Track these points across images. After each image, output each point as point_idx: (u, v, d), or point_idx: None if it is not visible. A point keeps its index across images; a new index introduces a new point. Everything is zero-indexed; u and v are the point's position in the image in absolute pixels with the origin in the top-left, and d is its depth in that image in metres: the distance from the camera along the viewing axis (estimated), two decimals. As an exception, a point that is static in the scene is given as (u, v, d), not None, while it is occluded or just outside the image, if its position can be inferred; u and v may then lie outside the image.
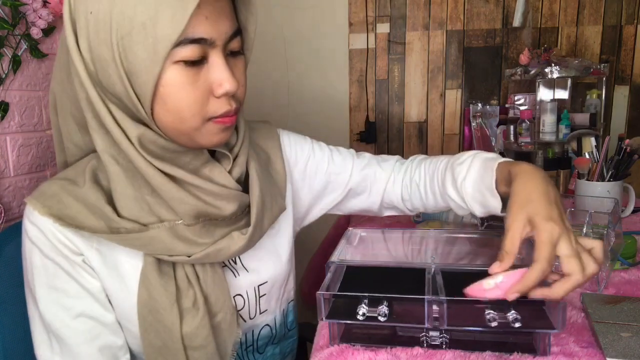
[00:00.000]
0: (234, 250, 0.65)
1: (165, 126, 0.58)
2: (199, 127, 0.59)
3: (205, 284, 0.66)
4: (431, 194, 0.79)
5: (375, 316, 0.58)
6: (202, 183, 0.62)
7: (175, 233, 0.62)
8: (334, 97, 1.99)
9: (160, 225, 0.62)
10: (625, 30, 1.84)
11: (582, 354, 0.58)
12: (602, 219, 0.83)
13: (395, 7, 1.91)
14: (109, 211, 0.61)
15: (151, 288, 0.63)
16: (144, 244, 0.61)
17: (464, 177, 0.71)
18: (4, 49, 0.93)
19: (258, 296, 0.75)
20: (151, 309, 0.63)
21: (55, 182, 0.64)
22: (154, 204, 0.62)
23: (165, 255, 0.62)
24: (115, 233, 0.61)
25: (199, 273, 0.66)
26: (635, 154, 1.09)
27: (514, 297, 0.54)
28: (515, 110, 1.77)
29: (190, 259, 0.63)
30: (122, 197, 0.62)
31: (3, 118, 0.93)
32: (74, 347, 0.63)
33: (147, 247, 0.62)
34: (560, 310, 0.54)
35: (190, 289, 0.65)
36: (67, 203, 0.61)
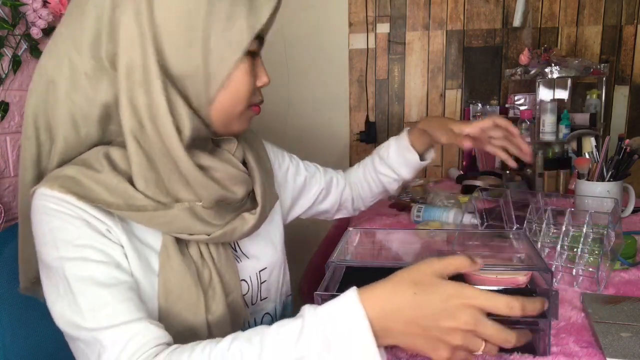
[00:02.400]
0: (246, 230, 0.70)
1: (220, 110, 0.65)
2: (243, 112, 0.67)
3: (220, 264, 0.69)
4: (366, 184, 1.02)
5: None
6: (220, 165, 0.66)
7: (194, 213, 0.65)
8: (334, 97, 1.99)
9: (181, 204, 0.64)
10: (625, 30, 1.84)
11: (582, 354, 0.58)
12: (602, 219, 0.83)
13: (395, 7, 1.91)
14: (131, 191, 0.62)
15: (174, 266, 0.64)
16: (167, 222, 0.63)
17: (387, 152, 0.98)
18: (4, 49, 0.93)
19: (259, 282, 0.78)
20: (174, 287, 0.64)
21: (70, 167, 0.63)
22: (172, 186, 0.64)
23: (185, 234, 0.65)
24: (141, 210, 0.62)
25: (213, 253, 0.68)
26: (635, 154, 1.09)
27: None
28: (515, 110, 1.77)
29: (209, 237, 0.66)
30: (141, 180, 0.63)
31: (3, 118, 0.93)
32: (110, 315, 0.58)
33: (168, 226, 0.64)
34: (551, 299, 0.54)
35: (205, 269, 0.67)
36: (87, 185, 0.61)
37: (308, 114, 1.98)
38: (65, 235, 0.60)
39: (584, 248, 0.81)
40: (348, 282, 0.65)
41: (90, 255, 0.60)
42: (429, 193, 1.35)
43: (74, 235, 0.60)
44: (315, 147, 2.00)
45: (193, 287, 0.64)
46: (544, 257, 0.65)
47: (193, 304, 0.64)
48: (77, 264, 0.60)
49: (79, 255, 0.60)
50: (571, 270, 0.80)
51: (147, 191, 0.63)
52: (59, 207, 0.60)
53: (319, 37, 1.95)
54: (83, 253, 0.60)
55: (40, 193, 0.62)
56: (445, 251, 0.76)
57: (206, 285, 0.66)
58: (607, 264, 0.80)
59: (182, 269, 0.64)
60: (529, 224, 0.93)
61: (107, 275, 0.60)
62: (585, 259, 0.80)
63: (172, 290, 0.64)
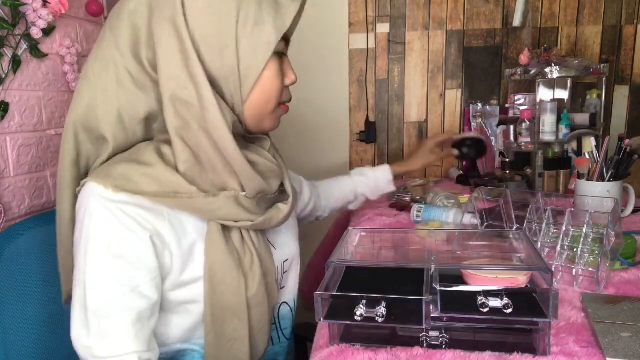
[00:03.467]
0: (281, 218, 0.76)
1: (252, 108, 0.69)
2: (273, 110, 0.73)
3: (260, 248, 0.74)
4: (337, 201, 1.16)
5: (373, 317, 0.58)
6: (262, 161, 0.72)
7: (238, 202, 0.70)
8: (334, 96, 1.99)
9: (227, 193, 0.69)
10: (625, 30, 1.84)
11: (582, 354, 0.58)
12: (602, 219, 0.83)
13: (395, 7, 1.91)
14: (182, 182, 0.67)
15: (218, 252, 0.69)
16: (214, 209, 0.68)
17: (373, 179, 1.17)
18: (4, 49, 0.93)
19: (282, 272, 0.83)
20: (218, 272, 0.69)
21: (121, 164, 0.67)
22: (217, 177, 0.69)
23: (231, 220, 0.70)
24: (192, 198, 0.67)
25: (253, 239, 0.74)
26: (635, 154, 1.09)
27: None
28: (515, 110, 1.77)
29: (252, 224, 0.71)
30: (188, 173, 0.68)
31: (3, 118, 0.93)
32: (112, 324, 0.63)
33: (215, 213, 0.69)
34: (551, 298, 0.54)
35: (247, 253, 0.72)
36: (136, 179, 0.65)
37: (308, 114, 1.98)
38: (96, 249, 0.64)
39: (584, 248, 0.81)
40: (348, 282, 0.65)
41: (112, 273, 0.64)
42: (429, 193, 1.35)
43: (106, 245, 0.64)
44: (315, 147, 2.00)
45: (235, 270, 0.70)
46: (544, 257, 0.65)
47: (235, 285, 0.70)
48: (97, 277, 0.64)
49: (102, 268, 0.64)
50: (571, 270, 0.80)
51: (195, 182, 0.68)
52: (103, 209, 0.64)
53: (319, 37, 1.95)
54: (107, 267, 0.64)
55: (92, 189, 0.65)
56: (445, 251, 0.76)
57: (247, 268, 0.72)
58: (607, 264, 0.80)
59: (225, 254, 0.69)
60: (529, 224, 0.93)
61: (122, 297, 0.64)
62: (585, 259, 0.80)
63: (216, 274, 0.69)
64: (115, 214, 0.64)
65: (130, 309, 0.64)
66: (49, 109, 1.06)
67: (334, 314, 0.61)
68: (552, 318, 0.55)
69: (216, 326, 0.70)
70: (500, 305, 0.56)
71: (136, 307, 0.64)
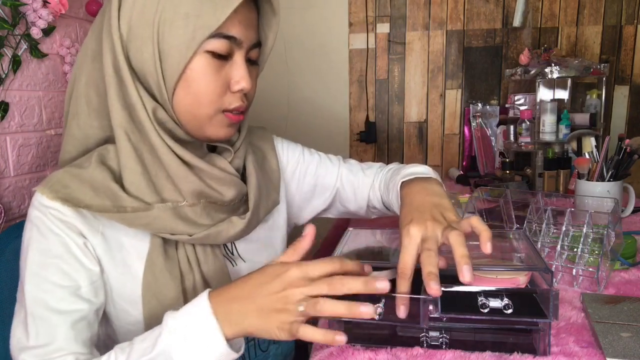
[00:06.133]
0: (233, 234, 0.69)
1: (181, 109, 0.64)
2: (211, 116, 0.65)
3: (206, 266, 0.69)
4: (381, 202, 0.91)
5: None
6: (206, 166, 0.66)
7: (178, 213, 0.65)
8: (334, 96, 1.99)
9: (164, 205, 0.65)
10: (625, 30, 1.84)
11: (582, 354, 0.58)
12: (602, 219, 0.83)
13: (395, 7, 1.91)
14: (115, 188, 0.64)
15: (157, 272, 0.65)
16: (148, 223, 0.64)
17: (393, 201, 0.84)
18: (4, 49, 0.93)
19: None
20: (156, 292, 0.65)
21: (61, 170, 0.66)
22: (159, 182, 0.65)
23: (167, 234, 0.65)
24: (121, 212, 0.63)
25: (199, 257, 0.69)
26: (635, 154, 1.09)
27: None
28: (515, 110, 1.77)
29: (191, 237, 0.66)
30: (130, 174, 0.64)
31: (3, 118, 0.93)
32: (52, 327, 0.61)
33: (150, 226, 0.64)
34: (551, 298, 0.54)
35: (190, 273, 0.67)
36: (73, 186, 0.63)
37: (308, 114, 1.98)
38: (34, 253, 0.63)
39: (584, 248, 0.81)
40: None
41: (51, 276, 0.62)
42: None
43: (43, 252, 0.63)
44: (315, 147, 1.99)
45: (174, 292, 0.65)
46: (544, 257, 0.65)
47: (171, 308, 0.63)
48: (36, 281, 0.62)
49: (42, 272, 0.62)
50: (571, 270, 0.80)
51: (132, 188, 0.64)
52: (38, 219, 0.63)
53: (319, 37, 1.95)
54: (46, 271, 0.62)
55: (34, 196, 0.65)
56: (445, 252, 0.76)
57: (189, 290, 0.67)
58: (607, 264, 0.80)
59: (164, 274, 0.65)
60: (529, 224, 0.93)
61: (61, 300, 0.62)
62: (585, 259, 0.80)
63: (154, 296, 0.65)
64: (50, 219, 0.63)
65: (70, 311, 0.62)
66: (49, 109, 1.06)
67: None
68: (552, 318, 0.55)
69: None
70: (500, 306, 0.56)
71: (76, 309, 0.62)
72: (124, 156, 0.64)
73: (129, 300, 0.67)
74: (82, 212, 0.64)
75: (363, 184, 0.91)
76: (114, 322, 0.69)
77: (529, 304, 0.58)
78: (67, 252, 0.63)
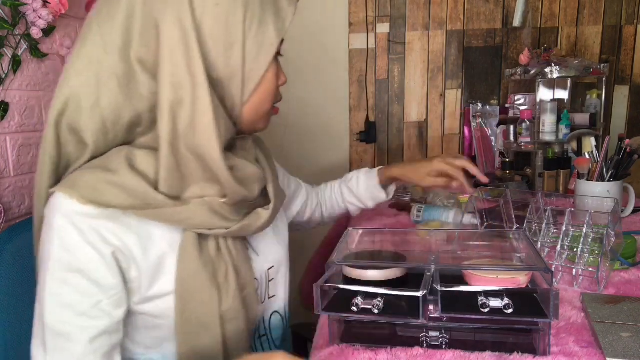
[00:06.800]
0: (260, 225, 0.72)
1: (251, 110, 0.68)
2: (268, 111, 0.72)
3: (237, 258, 0.71)
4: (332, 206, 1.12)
5: (370, 308, 0.58)
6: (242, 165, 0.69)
7: (213, 209, 0.66)
8: (334, 97, 1.99)
9: (198, 201, 0.66)
10: (625, 30, 1.84)
11: (582, 354, 0.58)
12: (602, 219, 0.83)
13: (395, 7, 1.91)
14: (150, 191, 0.63)
15: (191, 265, 0.66)
16: (185, 218, 0.65)
17: (357, 186, 1.08)
18: (4, 49, 0.93)
19: (267, 280, 0.79)
20: (190, 286, 0.66)
21: (89, 172, 0.63)
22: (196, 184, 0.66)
23: (205, 229, 0.67)
24: (160, 207, 0.63)
25: (230, 248, 0.71)
26: (635, 154, 1.09)
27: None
28: (515, 110, 1.77)
29: (227, 231, 0.68)
30: (166, 181, 0.64)
31: (3, 118, 0.93)
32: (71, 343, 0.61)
33: (187, 221, 0.65)
34: (552, 298, 0.54)
35: (222, 264, 0.69)
36: (103, 188, 0.61)
37: (308, 114, 1.98)
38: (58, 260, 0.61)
39: (584, 248, 0.81)
40: (347, 282, 0.65)
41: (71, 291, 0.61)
42: (429, 193, 1.35)
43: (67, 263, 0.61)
44: (315, 147, 2.00)
45: (208, 283, 0.66)
46: (544, 257, 0.65)
47: (207, 300, 0.66)
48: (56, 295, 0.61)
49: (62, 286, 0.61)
50: (571, 270, 0.80)
51: (166, 189, 0.64)
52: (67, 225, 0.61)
53: (319, 37, 1.95)
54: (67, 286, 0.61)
55: (58, 200, 0.62)
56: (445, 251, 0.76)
57: (221, 281, 0.68)
58: (607, 264, 0.80)
59: (199, 267, 0.66)
60: (529, 224, 0.93)
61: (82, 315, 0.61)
62: (585, 259, 0.80)
63: (188, 288, 0.66)
64: (79, 228, 0.60)
65: (89, 326, 0.61)
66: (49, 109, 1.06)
67: (332, 307, 0.62)
68: (552, 318, 0.55)
69: (187, 342, 0.67)
70: (500, 306, 0.56)
71: (96, 324, 0.62)
72: (164, 166, 0.63)
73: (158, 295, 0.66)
74: (114, 214, 0.62)
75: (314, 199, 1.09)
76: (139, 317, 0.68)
77: (529, 304, 0.58)
78: (91, 266, 0.61)
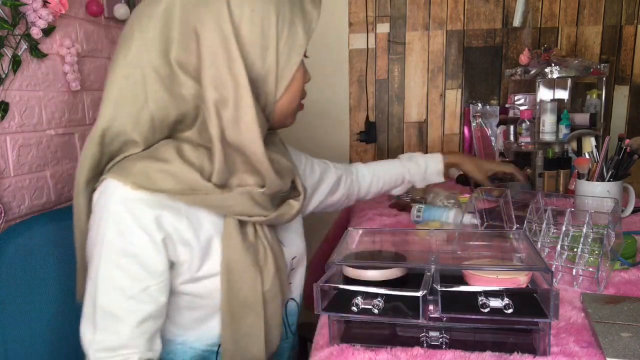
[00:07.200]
0: (293, 214, 0.78)
1: (282, 107, 0.73)
2: (296, 107, 0.76)
3: (272, 243, 0.76)
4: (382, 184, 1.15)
5: (370, 308, 0.58)
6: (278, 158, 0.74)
7: (252, 197, 0.71)
8: (334, 96, 1.99)
9: (241, 189, 0.71)
10: (625, 30, 1.84)
11: (582, 353, 0.58)
12: (602, 219, 0.83)
13: (395, 7, 1.91)
14: (200, 179, 0.68)
15: (236, 248, 0.71)
16: (230, 205, 0.70)
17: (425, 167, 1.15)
18: (4, 49, 0.93)
19: (290, 268, 0.85)
20: (235, 267, 0.71)
21: (138, 161, 0.68)
22: (239, 175, 0.71)
23: (245, 216, 0.72)
24: (209, 194, 0.68)
25: (266, 234, 0.76)
26: (635, 154, 1.09)
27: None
28: (515, 110, 1.77)
29: (266, 219, 0.73)
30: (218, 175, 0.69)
31: (3, 118, 0.93)
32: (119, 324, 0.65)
33: (231, 208, 0.70)
34: (552, 298, 0.54)
35: (261, 248, 0.74)
36: (155, 177, 0.66)
37: (308, 114, 1.98)
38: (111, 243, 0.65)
39: (584, 248, 0.81)
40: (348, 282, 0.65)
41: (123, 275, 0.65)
42: (429, 193, 1.34)
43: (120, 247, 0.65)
44: (315, 147, 1.99)
45: (251, 265, 0.71)
46: (544, 257, 0.65)
47: (252, 280, 0.71)
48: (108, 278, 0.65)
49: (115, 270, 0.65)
50: (571, 270, 0.80)
51: (217, 180, 0.69)
52: (123, 211, 0.65)
53: (319, 37, 1.94)
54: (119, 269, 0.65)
55: (111, 186, 0.66)
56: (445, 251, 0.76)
57: (262, 263, 0.73)
58: (607, 264, 0.80)
59: (242, 249, 0.71)
60: (529, 224, 0.93)
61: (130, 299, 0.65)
62: (585, 259, 0.80)
63: (234, 269, 0.71)
64: (133, 213, 0.65)
65: (137, 310, 0.66)
66: (49, 109, 1.06)
67: (332, 307, 0.62)
68: (552, 318, 0.55)
69: (233, 321, 0.72)
70: (501, 306, 0.56)
71: (144, 308, 0.66)
72: (219, 161, 0.68)
73: (205, 276, 0.71)
74: (165, 200, 0.67)
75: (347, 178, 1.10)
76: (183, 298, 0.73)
77: (529, 304, 0.58)
78: (143, 252, 0.65)
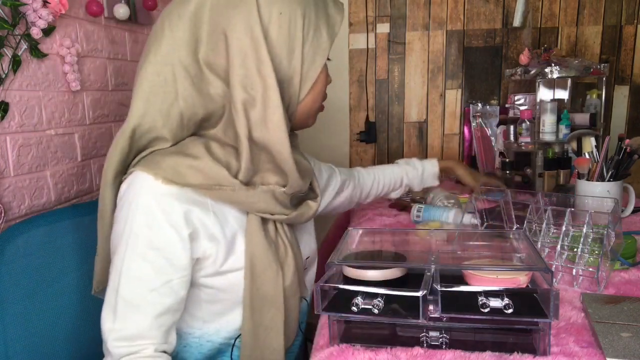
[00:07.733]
0: (310, 215, 0.80)
1: (304, 108, 0.74)
2: (318, 108, 0.78)
3: (292, 241, 0.78)
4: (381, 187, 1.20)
5: (370, 308, 0.58)
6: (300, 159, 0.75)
7: (275, 196, 0.73)
8: (334, 96, 1.99)
9: (265, 187, 0.73)
10: (625, 30, 1.84)
11: (582, 354, 0.58)
12: (602, 219, 0.83)
13: (395, 7, 1.91)
14: (226, 175, 0.69)
15: (259, 243, 0.72)
16: (254, 202, 0.72)
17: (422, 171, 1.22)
18: (4, 49, 0.93)
19: (304, 268, 0.85)
20: (258, 263, 0.72)
21: (168, 156, 0.69)
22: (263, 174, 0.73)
23: (267, 214, 0.73)
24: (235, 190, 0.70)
25: (286, 232, 0.78)
26: (635, 154, 1.09)
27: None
28: (515, 110, 1.77)
29: (287, 217, 0.75)
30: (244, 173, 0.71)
31: (3, 118, 0.93)
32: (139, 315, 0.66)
33: (255, 205, 0.72)
34: (552, 298, 0.54)
35: (281, 245, 0.76)
36: (185, 172, 0.68)
37: (308, 114, 1.98)
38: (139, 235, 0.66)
39: (584, 248, 0.81)
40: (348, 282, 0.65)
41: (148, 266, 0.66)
42: (429, 193, 1.34)
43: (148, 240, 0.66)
44: (315, 147, 2.00)
45: (273, 261, 0.73)
46: (544, 257, 0.65)
47: (274, 276, 0.73)
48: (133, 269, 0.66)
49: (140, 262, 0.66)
50: (571, 270, 0.80)
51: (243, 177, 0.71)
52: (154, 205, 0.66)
53: (319, 37, 1.95)
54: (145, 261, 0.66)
55: (141, 179, 0.67)
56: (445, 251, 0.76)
57: (283, 259, 0.75)
58: (607, 264, 0.80)
59: (265, 245, 0.72)
60: (529, 224, 0.93)
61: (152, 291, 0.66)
62: (585, 259, 0.80)
63: (257, 264, 0.72)
64: (163, 209, 0.66)
65: (158, 302, 0.67)
66: (49, 109, 1.06)
67: (332, 307, 0.62)
68: (552, 318, 0.55)
69: (254, 315, 0.73)
70: (501, 306, 0.56)
71: (164, 301, 0.67)
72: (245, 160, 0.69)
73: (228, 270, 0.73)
74: (194, 195, 0.68)
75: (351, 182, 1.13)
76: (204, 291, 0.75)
77: (529, 304, 0.58)
78: (169, 246, 0.67)
